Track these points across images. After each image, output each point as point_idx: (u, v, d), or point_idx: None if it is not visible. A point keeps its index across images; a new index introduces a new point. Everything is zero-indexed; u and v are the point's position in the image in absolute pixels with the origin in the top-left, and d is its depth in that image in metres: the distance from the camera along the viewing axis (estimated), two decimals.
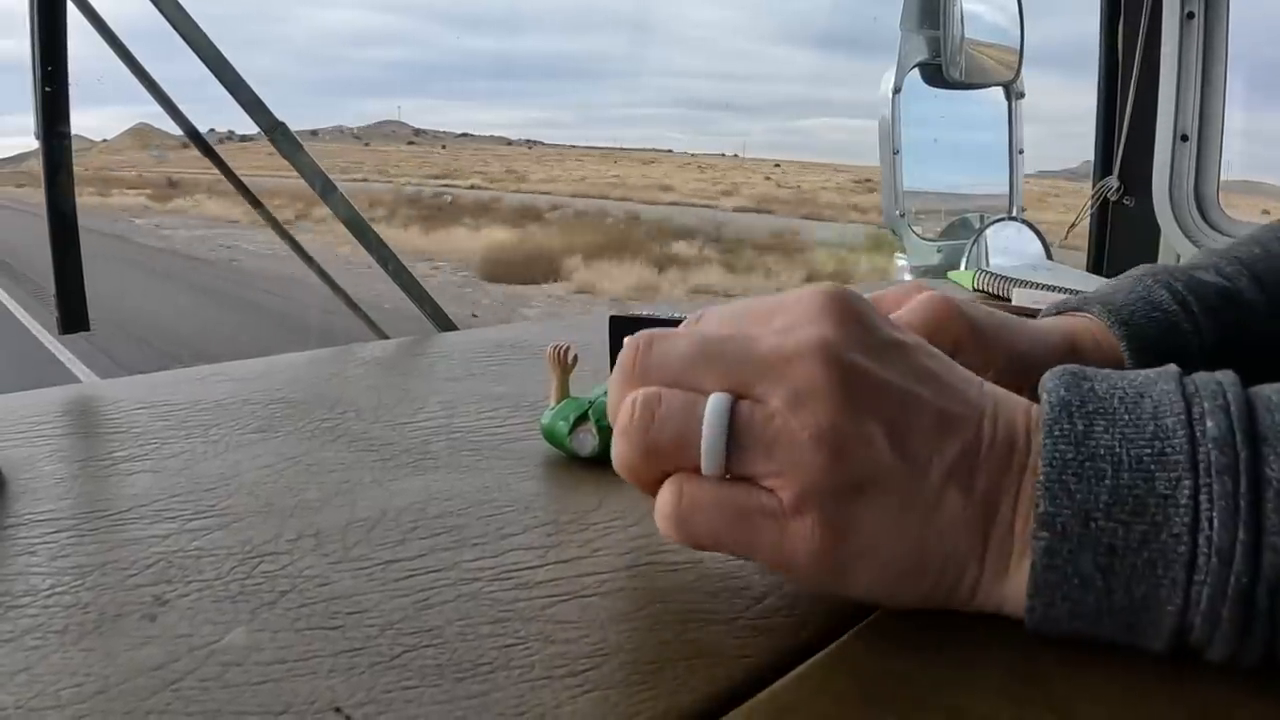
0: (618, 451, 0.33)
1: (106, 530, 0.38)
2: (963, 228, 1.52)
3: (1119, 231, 1.42)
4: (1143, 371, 0.32)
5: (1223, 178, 1.32)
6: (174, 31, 0.83)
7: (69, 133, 0.79)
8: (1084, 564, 0.29)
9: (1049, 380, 0.32)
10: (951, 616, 0.33)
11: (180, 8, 0.83)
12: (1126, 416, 0.30)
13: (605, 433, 0.47)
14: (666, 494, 0.32)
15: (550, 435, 0.48)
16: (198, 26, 0.84)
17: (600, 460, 0.47)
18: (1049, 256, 1.42)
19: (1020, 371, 0.50)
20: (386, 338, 0.87)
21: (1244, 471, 0.28)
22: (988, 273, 1.04)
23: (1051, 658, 0.30)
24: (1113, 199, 1.40)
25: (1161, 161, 1.32)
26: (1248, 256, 0.58)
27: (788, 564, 0.31)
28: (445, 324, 0.93)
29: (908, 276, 1.47)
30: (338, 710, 0.27)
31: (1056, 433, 0.30)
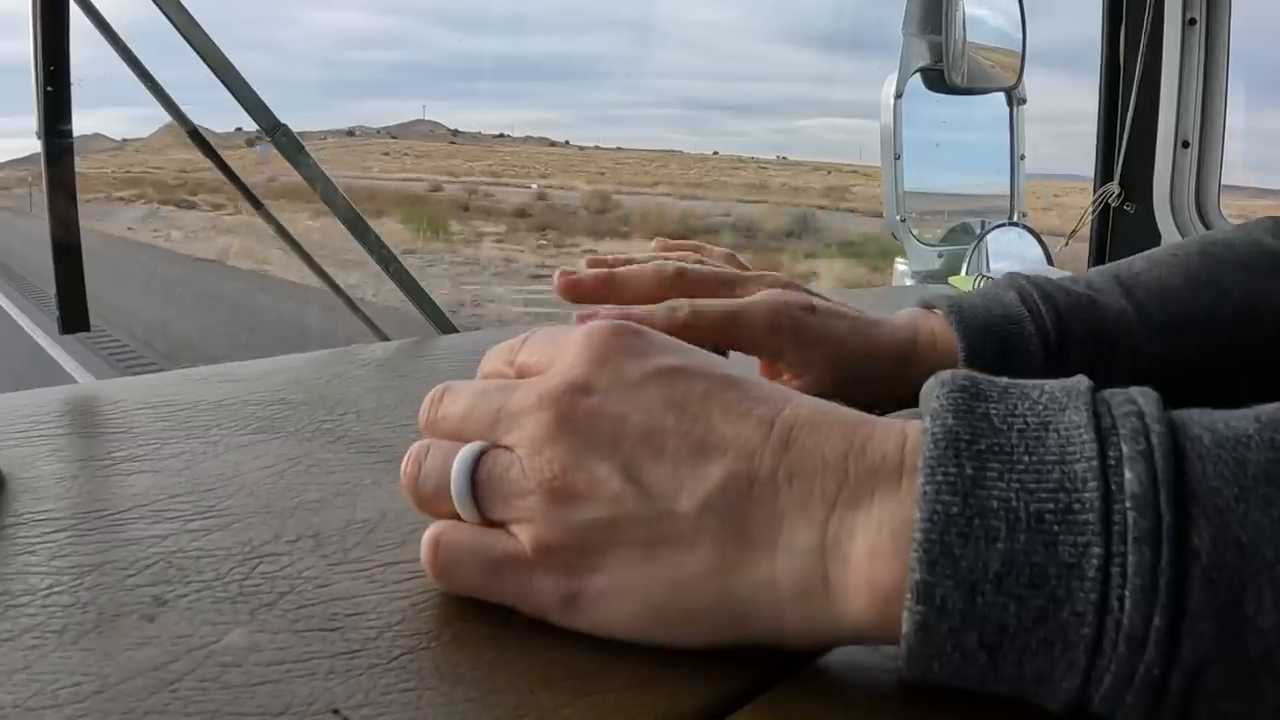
0: None
1: (106, 530, 0.38)
2: (963, 233, 1.53)
3: (1120, 237, 1.42)
4: (1048, 386, 0.28)
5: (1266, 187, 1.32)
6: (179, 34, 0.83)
7: (71, 133, 0.79)
8: (967, 641, 0.25)
9: (934, 397, 0.27)
10: None
11: (182, 8, 0.83)
12: (1027, 459, 0.25)
13: None
14: (425, 543, 0.32)
15: None
16: (199, 26, 0.84)
17: None
18: (1050, 262, 1.42)
19: (854, 370, 0.50)
20: (388, 339, 0.87)
21: (1167, 540, 0.24)
22: (988, 278, 1.04)
23: None
24: (1114, 205, 1.40)
25: (1163, 168, 1.32)
26: (1126, 271, 0.57)
27: (538, 612, 0.31)
28: (446, 326, 0.93)
29: (909, 281, 1.47)
30: (336, 712, 0.27)
31: (940, 478, 0.25)
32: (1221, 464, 0.25)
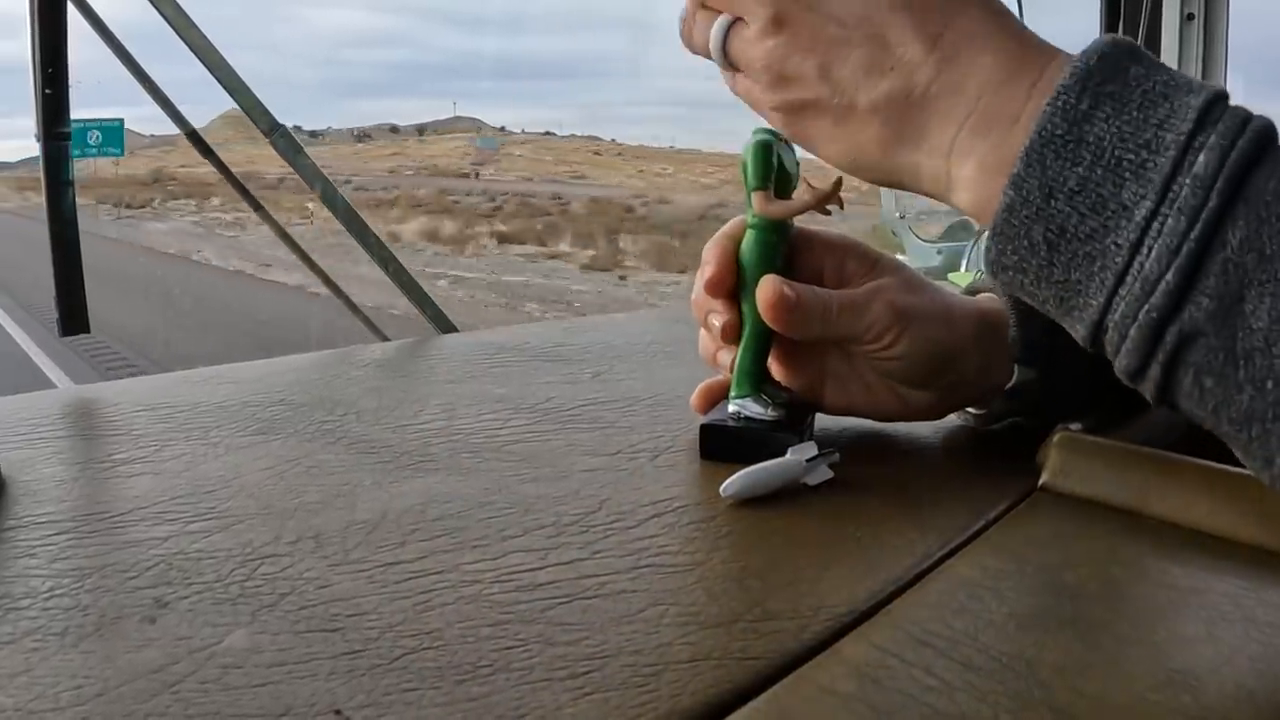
0: None
1: (106, 532, 0.38)
2: (962, 229, 1.53)
3: None
4: (1194, 77, 0.32)
5: None
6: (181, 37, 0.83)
7: (70, 135, 0.79)
8: (1035, 232, 0.32)
9: (1097, 40, 0.33)
10: (954, 621, 0.33)
11: (181, 10, 0.83)
12: (1135, 114, 0.31)
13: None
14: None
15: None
16: (196, 27, 0.84)
17: (600, 460, 0.47)
18: None
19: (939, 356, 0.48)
20: (387, 340, 0.87)
21: (1204, 220, 0.29)
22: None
23: (1053, 662, 0.30)
24: None
25: None
26: None
27: (788, 138, 0.41)
28: (446, 326, 0.93)
29: None
30: (338, 713, 0.27)
31: (1060, 103, 0.32)
32: None
